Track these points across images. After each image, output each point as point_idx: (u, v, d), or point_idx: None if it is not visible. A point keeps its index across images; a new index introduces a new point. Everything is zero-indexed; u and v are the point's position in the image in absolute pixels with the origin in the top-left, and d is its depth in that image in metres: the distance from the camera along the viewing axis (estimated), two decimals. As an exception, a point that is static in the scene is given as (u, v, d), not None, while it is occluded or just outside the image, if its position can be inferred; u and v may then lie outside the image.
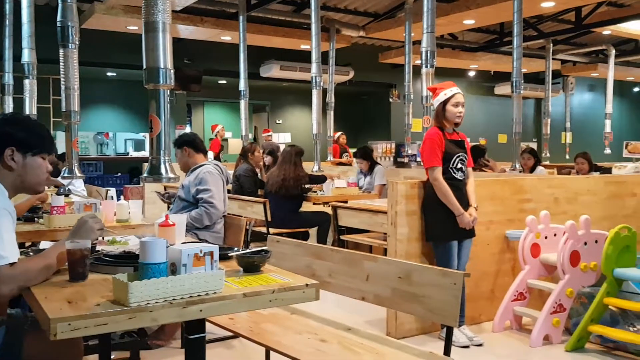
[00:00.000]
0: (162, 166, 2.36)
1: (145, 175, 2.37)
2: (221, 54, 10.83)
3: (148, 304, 1.61)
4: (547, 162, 10.57)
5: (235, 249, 2.33)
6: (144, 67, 2.41)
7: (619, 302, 3.49)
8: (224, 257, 2.13)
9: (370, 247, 5.27)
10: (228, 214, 4.03)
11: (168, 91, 2.39)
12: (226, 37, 10.08)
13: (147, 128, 2.57)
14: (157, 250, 1.67)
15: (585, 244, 3.73)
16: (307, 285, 1.87)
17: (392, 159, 9.70)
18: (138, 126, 12.63)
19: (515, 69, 6.31)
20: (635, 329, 3.48)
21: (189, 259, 1.71)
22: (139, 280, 1.62)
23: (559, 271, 3.73)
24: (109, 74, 12.08)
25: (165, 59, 2.38)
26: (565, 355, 3.52)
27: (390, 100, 13.50)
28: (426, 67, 5.79)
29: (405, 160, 8.66)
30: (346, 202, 5.66)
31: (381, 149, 10.14)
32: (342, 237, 5.40)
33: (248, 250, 2.15)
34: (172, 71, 2.39)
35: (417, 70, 6.88)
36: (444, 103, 3.66)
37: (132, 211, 3.41)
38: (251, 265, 2.01)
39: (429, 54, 5.76)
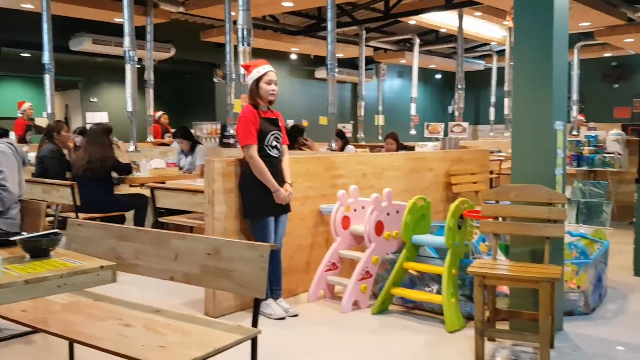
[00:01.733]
0: None
1: None
2: (23, 23, 9.68)
3: None
4: (363, 143, 11.29)
5: (24, 234, 2.11)
6: None
7: (417, 265, 3.87)
8: (6, 243, 1.91)
9: (192, 228, 5.16)
10: (27, 198, 3.65)
11: None
12: (28, 5, 9.04)
13: None
14: None
15: (388, 214, 4.05)
16: (101, 267, 1.76)
17: (217, 139, 9.59)
18: None
19: (329, 53, 6.59)
20: (430, 289, 3.89)
21: (-46, 245, 1.51)
22: None
23: (365, 241, 4.02)
24: None
25: None
26: (372, 318, 3.81)
27: (215, 80, 13.26)
28: (243, 45, 5.78)
29: (231, 141, 8.63)
30: (164, 182, 5.47)
31: (206, 129, 9.96)
32: (161, 219, 5.22)
33: (35, 234, 1.96)
34: None
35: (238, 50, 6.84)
36: (257, 81, 3.69)
37: None
38: (38, 250, 1.84)
39: (245, 32, 5.76)
